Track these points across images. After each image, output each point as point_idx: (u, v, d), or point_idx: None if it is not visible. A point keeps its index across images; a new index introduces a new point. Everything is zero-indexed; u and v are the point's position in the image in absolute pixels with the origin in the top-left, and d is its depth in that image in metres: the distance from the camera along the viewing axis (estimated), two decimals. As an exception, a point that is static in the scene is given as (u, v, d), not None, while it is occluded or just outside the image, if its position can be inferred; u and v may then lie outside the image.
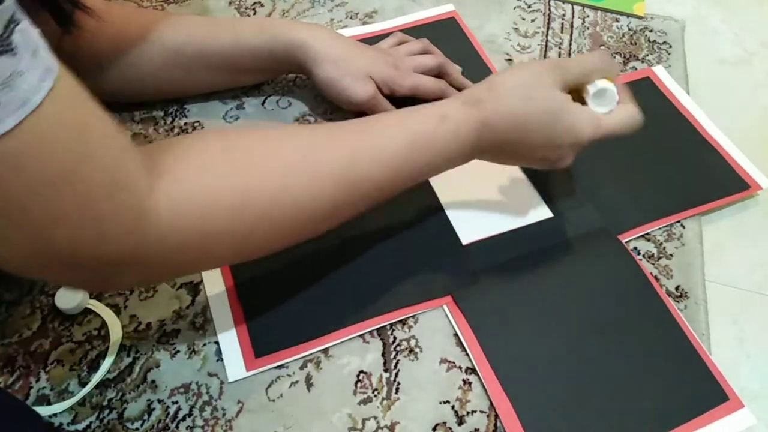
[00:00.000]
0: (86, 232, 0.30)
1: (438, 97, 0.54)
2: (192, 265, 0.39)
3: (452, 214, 0.53)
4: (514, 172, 0.57)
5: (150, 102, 0.61)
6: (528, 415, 0.43)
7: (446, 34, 0.68)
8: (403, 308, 0.48)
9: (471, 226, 0.52)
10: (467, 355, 0.46)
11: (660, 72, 0.67)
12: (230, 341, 0.46)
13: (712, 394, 0.45)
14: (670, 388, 0.45)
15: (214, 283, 0.49)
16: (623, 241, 0.53)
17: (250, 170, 0.37)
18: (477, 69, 0.65)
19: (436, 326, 0.48)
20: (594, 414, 0.43)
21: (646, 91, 0.65)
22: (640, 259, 0.52)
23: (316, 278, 0.49)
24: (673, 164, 0.59)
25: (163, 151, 0.35)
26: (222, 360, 0.45)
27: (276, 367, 0.45)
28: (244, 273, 0.49)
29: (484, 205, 0.54)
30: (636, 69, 0.67)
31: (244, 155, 0.38)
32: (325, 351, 0.46)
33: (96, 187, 0.29)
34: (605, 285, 0.50)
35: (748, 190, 0.57)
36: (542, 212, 0.54)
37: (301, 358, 0.45)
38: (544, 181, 0.56)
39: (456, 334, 0.47)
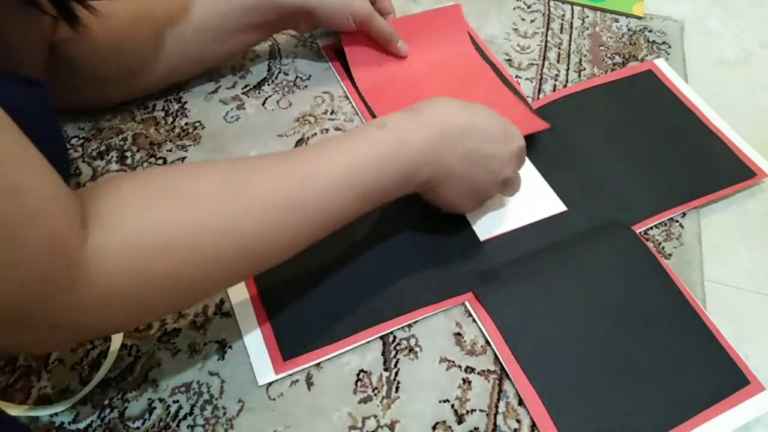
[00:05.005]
0: (17, 292, 0.28)
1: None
2: (130, 316, 0.35)
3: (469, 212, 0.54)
4: (527, 168, 0.57)
5: (151, 101, 0.61)
6: (555, 404, 0.44)
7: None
8: (426, 306, 0.48)
9: (488, 223, 0.53)
10: (492, 352, 0.47)
11: (661, 64, 0.67)
12: (257, 345, 0.46)
13: (734, 378, 0.45)
14: (692, 374, 0.45)
15: (238, 288, 0.49)
16: (636, 231, 0.53)
17: (169, 206, 0.35)
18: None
19: (436, 325, 0.48)
20: (619, 402, 0.44)
21: (648, 84, 0.65)
22: (640, 259, 0.53)
23: (338, 280, 0.49)
24: (680, 155, 0.59)
25: (89, 199, 0.33)
26: (223, 359, 0.46)
27: (276, 366, 0.45)
28: (266, 277, 0.48)
29: (500, 201, 0.55)
30: (635, 69, 0.68)
31: (162, 192, 0.35)
32: (325, 350, 0.46)
33: (27, 248, 0.28)
34: (623, 275, 0.50)
35: (755, 177, 0.58)
36: (556, 206, 0.55)
37: (328, 359, 0.46)
38: (557, 176, 0.57)
39: (456, 333, 0.48)
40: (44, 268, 0.29)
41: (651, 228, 0.55)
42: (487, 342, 0.47)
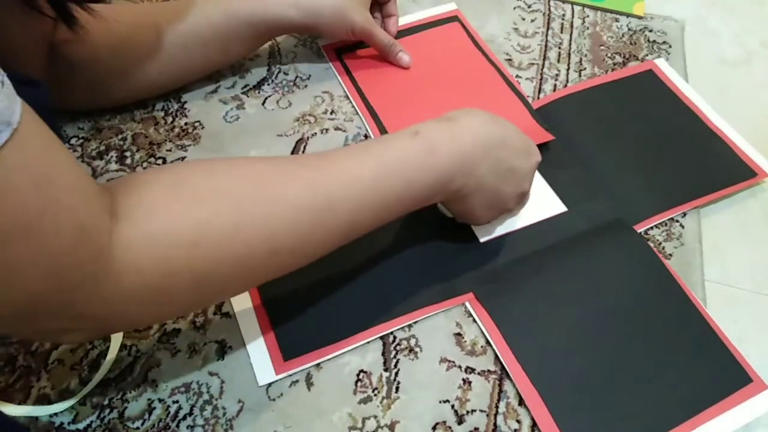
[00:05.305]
0: (47, 282, 0.29)
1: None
2: (154, 311, 0.36)
3: None
4: None
5: (150, 101, 0.61)
6: (557, 404, 0.44)
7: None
8: (426, 306, 0.48)
9: (487, 225, 0.53)
10: (492, 352, 0.47)
11: (662, 64, 0.67)
12: (258, 345, 0.46)
13: (736, 377, 0.45)
14: (694, 373, 0.45)
15: None
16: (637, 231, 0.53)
17: (200, 204, 0.35)
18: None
19: (436, 326, 0.48)
20: (621, 401, 0.44)
21: (649, 84, 0.65)
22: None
23: (339, 281, 0.49)
24: (680, 154, 0.59)
25: (119, 192, 0.33)
26: (223, 359, 0.45)
27: (276, 367, 0.45)
28: None
29: None
30: (636, 69, 0.68)
31: (194, 189, 0.35)
32: (325, 350, 0.46)
33: (58, 238, 0.28)
34: (624, 274, 0.50)
35: (755, 177, 0.58)
36: (557, 207, 0.55)
37: (328, 359, 0.46)
38: (557, 176, 0.56)
39: (457, 333, 0.48)
40: (72, 258, 0.29)
41: (651, 228, 0.55)
42: (488, 342, 0.47)
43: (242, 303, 0.48)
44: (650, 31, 0.72)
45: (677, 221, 0.55)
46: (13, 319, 0.30)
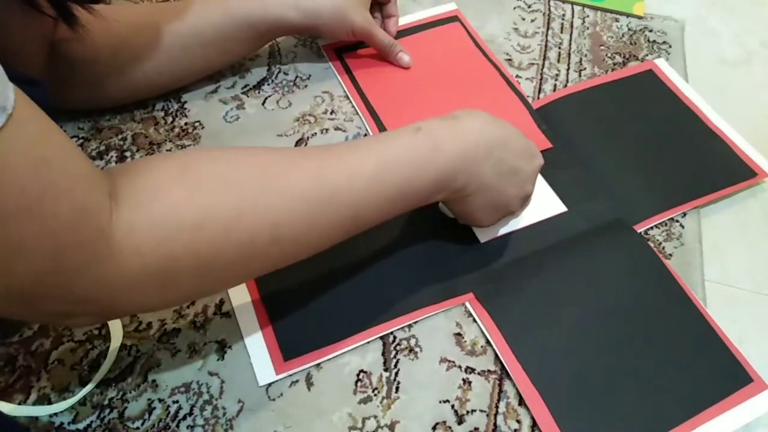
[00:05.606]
0: (48, 264, 0.29)
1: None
2: (156, 296, 0.35)
3: None
4: None
5: (150, 101, 0.61)
6: (557, 404, 0.44)
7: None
8: (427, 306, 0.48)
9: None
10: (492, 352, 0.47)
11: (662, 64, 0.67)
12: (258, 345, 0.46)
13: (736, 377, 0.45)
14: (694, 373, 0.45)
15: (238, 288, 0.48)
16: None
17: (204, 190, 0.35)
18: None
19: (436, 326, 0.48)
20: (621, 401, 0.44)
21: (649, 84, 0.65)
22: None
23: (339, 281, 0.49)
24: (680, 154, 0.59)
25: (121, 176, 0.34)
26: (223, 359, 0.45)
27: (276, 367, 0.45)
28: (267, 277, 0.48)
29: None
30: (636, 69, 0.68)
31: (198, 176, 0.35)
32: (325, 350, 0.46)
33: (58, 220, 0.29)
34: (624, 274, 0.50)
35: (755, 177, 0.58)
36: (557, 207, 0.55)
37: (328, 359, 0.46)
38: (557, 176, 0.56)
39: (457, 333, 0.48)
40: (72, 240, 0.29)
41: (651, 228, 0.55)
42: (488, 342, 0.47)
43: (242, 303, 0.48)
44: (650, 31, 0.72)
45: (677, 221, 0.55)
46: (16, 301, 0.30)
